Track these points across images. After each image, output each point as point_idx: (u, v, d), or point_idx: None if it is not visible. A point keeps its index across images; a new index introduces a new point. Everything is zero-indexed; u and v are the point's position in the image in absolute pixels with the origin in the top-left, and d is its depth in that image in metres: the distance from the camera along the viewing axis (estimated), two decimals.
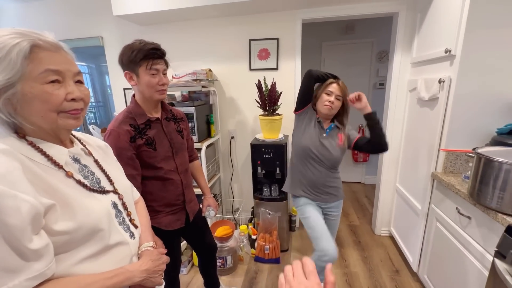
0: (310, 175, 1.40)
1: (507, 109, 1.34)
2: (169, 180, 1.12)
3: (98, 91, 2.99)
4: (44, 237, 0.47)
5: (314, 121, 1.40)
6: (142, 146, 1.02)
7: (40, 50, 0.49)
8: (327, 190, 1.42)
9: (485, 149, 1.15)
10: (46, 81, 0.50)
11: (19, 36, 0.47)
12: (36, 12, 2.45)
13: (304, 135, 1.39)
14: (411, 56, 1.92)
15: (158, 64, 1.01)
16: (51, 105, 0.51)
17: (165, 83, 1.04)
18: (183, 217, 1.20)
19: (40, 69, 0.49)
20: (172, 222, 1.15)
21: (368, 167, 3.44)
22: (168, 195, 1.12)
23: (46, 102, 0.50)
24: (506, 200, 1.00)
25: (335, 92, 1.31)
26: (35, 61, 0.48)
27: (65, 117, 0.53)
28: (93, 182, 0.62)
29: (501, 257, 0.92)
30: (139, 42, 0.98)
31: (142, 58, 0.96)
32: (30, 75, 0.48)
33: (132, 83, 1.01)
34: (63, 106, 0.52)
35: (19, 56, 0.46)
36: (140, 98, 1.05)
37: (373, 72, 3.16)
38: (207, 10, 1.94)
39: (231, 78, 2.28)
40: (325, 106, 1.32)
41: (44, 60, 0.50)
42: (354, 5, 1.92)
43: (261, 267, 1.97)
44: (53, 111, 0.51)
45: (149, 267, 0.64)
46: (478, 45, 1.30)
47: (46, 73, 0.49)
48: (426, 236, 1.61)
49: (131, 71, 0.99)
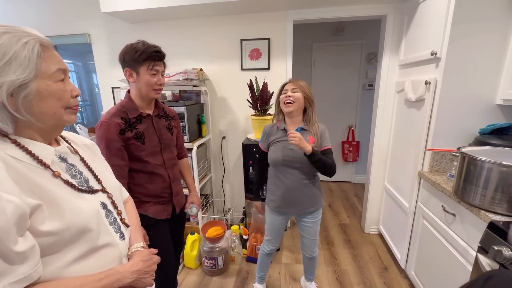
0: (285, 183, 1.34)
1: (489, 110, 1.40)
2: (156, 174, 1.17)
3: (85, 90, 2.90)
4: (29, 238, 0.46)
5: (278, 133, 1.35)
6: (131, 139, 1.07)
7: (46, 49, 0.52)
8: (300, 200, 1.36)
9: (468, 149, 1.19)
10: (59, 79, 0.53)
11: (24, 34, 0.48)
12: (19, 6, 2.36)
13: (273, 149, 1.35)
14: (398, 58, 1.97)
15: (159, 66, 1.08)
16: (64, 102, 0.54)
17: (162, 83, 1.12)
18: (169, 208, 1.25)
19: (53, 68, 0.52)
20: (159, 212, 1.19)
21: (358, 167, 3.50)
22: (155, 187, 1.17)
23: (61, 98, 0.53)
24: (488, 197, 1.04)
25: (288, 87, 1.30)
26: (47, 60, 0.51)
27: (70, 112, 0.56)
28: (81, 182, 0.60)
29: (484, 252, 0.95)
30: (143, 44, 1.04)
31: (145, 59, 1.03)
32: (45, 74, 0.50)
33: (131, 80, 1.07)
34: (70, 102, 0.56)
35: (33, 55, 0.48)
36: (135, 94, 1.11)
37: (362, 74, 3.22)
38: (198, 8, 1.92)
39: (223, 77, 2.27)
40: (285, 104, 1.28)
41: (53, 59, 0.52)
42: (343, 7, 1.95)
43: (253, 267, 1.97)
44: (63, 107, 0.54)
45: (140, 268, 0.63)
46: (462, 48, 1.35)
47: (58, 72, 0.53)
48: (414, 234, 1.65)
49: (132, 69, 1.05)
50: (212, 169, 2.45)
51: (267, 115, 2.00)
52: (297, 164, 1.31)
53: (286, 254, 2.12)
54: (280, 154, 1.32)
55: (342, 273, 1.90)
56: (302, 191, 1.35)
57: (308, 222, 1.43)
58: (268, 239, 1.54)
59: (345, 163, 3.52)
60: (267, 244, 1.56)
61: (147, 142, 1.12)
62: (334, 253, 2.12)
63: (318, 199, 1.41)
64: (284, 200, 1.38)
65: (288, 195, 1.36)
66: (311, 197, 1.38)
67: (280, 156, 1.32)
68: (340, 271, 1.91)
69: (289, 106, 1.28)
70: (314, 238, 1.48)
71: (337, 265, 1.98)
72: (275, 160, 1.34)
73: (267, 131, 1.42)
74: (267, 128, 1.42)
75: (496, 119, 1.40)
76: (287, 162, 1.31)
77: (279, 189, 1.38)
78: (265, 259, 1.62)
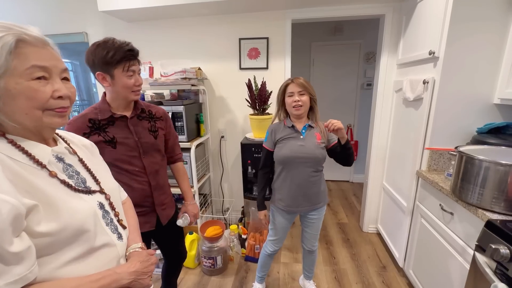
0: (295, 180, 1.34)
1: (486, 109, 1.41)
2: (134, 181, 1.08)
3: (82, 89, 2.89)
4: (25, 239, 0.45)
5: (286, 130, 1.35)
6: (100, 143, 0.98)
7: (26, 45, 0.48)
8: (309, 196, 1.37)
9: (466, 148, 1.20)
10: (33, 78, 0.48)
11: (3, 29, 0.45)
12: (15, 5, 2.34)
13: (282, 147, 1.34)
14: (397, 57, 1.97)
15: (134, 65, 1.00)
16: (37, 102, 0.49)
17: (140, 83, 1.04)
18: (153, 219, 1.15)
19: (26, 65, 0.47)
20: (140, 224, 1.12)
21: (356, 166, 3.51)
22: (134, 195, 1.04)
23: (32, 99, 0.48)
24: (485, 196, 1.05)
25: (295, 90, 1.28)
26: (21, 56, 0.47)
27: (51, 115, 0.52)
28: (78, 182, 0.60)
29: (481, 250, 0.96)
30: (113, 42, 0.95)
31: (119, 60, 0.93)
32: (15, 71, 0.46)
33: (106, 84, 0.97)
34: (49, 104, 0.51)
35: (3, 50, 0.45)
36: (111, 98, 1.03)
37: (360, 73, 3.23)
38: (196, 7, 1.92)
39: (221, 77, 2.26)
40: (294, 108, 1.29)
41: (30, 55, 0.48)
42: (342, 6, 1.95)
43: (252, 267, 1.97)
44: (38, 108, 0.50)
45: (137, 269, 0.63)
46: (460, 48, 1.35)
47: (32, 69, 0.48)
48: (412, 232, 1.66)
49: (105, 72, 0.95)
50: (211, 169, 2.45)
51: (266, 115, 2.00)
52: (307, 160, 1.31)
53: (285, 253, 2.12)
54: (290, 150, 1.31)
55: (341, 272, 1.90)
56: (311, 187, 1.36)
57: (313, 218, 1.45)
58: (273, 239, 1.51)
59: None
60: (271, 244, 1.53)
61: (119, 146, 1.03)
62: (332, 252, 2.12)
63: (325, 195, 1.44)
64: (294, 198, 1.37)
65: (298, 193, 1.36)
66: (318, 194, 1.39)
67: (290, 153, 1.31)
68: (339, 270, 1.92)
69: (299, 110, 1.29)
70: (316, 233, 1.51)
71: (335, 264, 1.99)
72: (285, 156, 1.32)
73: (274, 129, 1.40)
74: (273, 127, 1.41)
75: (493, 118, 1.41)
76: (298, 159, 1.31)
77: (288, 187, 1.36)
78: (267, 259, 1.61)
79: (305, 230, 1.52)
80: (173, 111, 1.87)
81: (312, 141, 1.32)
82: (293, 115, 1.34)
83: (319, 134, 1.33)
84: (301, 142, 1.31)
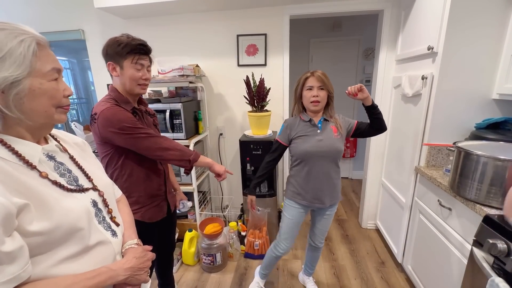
0: (316, 175, 1.33)
1: (485, 105, 1.40)
2: (153, 168, 1.14)
3: (80, 87, 2.87)
4: (17, 238, 0.45)
5: (301, 125, 1.34)
6: None
7: (42, 48, 0.52)
8: (329, 192, 1.37)
9: (464, 143, 1.20)
10: (52, 78, 0.53)
11: (20, 32, 0.48)
12: (12, 2, 2.31)
13: (300, 142, 1.33)
14: (395, 53, 1.96)
15: (144, 60, 1.04)
16: (56, 101, 0.54)
17: (148, 78, 1.08)
18: (165, 207, 1.23)
19: (48, 67, 0.52)
20: (156, 214, 1.18)
21: (355, 163, 3.51)
22: (152, 184, 1.14)
23: (53, 97, 0.53)
24: (483, 191, 1.05)
25: (315, 84, 1.26)
26: (42, 58, 0.51)
27: (61, 112, 0.56)
28: (70, 180, 0.60)
29: (479, 245, 0.96)
30: (127, 37, 1.00)
31: (129, 52, 0.99)
32: (39, 72, 0.51)
33: (115, 73, 1.03)
34: (62, 102, 0.56)
35: (29, 53, 0.48)
36: (121, 90, 1.06)
37: (359, 69, 3.21)
38: (194, 3, 1.90)
39: (219, 74, 2.25)
40: (312, 103, 1.28)
41: (47, 58, 0.53)
42: (340, 2, 1.94)
43: (251, 263, 1.98)
44: (54, 106, 0.54)
45: (133, 265, 0.63)
46: (459, 43, 1.34)
47: (52, 71, 0.53)
48: (410, 228, 1.67)
49: (115, 63, 1.01)
50: None
51: (264, 111, 1.99)
52: (328, 154, 1.30)
53: None
54: (310, 145, 1.30)
55: (340, 268, 1.91)
56: (331, 183, 1.36)
57: (326, 214, 1.45)
58: (285, 237, 1.46)
59: (343, 159, 3.52)
60: (282, 245, 1.47)
61: None
62: (331, 249, 2.13)
63: (340, 191, 1.45)
64: (315, 194, 1.36)
65: (319, 188, 1.35)
66: (336, 189, 1.40)
67: (310, 148, 1.30)
68: (338, 266, 1.93)
69: (316, 105, 1.28)
70: (326, 229, 1.51)
71: (334, 260, 2.00)
72: (305, 152, 1.31)
73: (290, 124, 1.38)
74: (289, 121, 1.39)
75: (492, 113, 1.40)
76: (319, 153, 1.30)
77: (309, 182, 1.35)
78: (274, 260, 1.57)
79: (316, 226, 1.51)
80: (171, 108, 1.86)
81: (329, 134, 1.31)
82: (310, 110, 1.33)
83: (335, 127, 1.33)
84: (320, 136, 1.30)
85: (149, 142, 1.02)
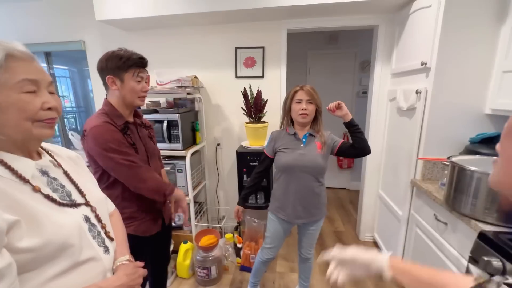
0: (296, 190, 1.34)
1: (478, 120, 1.42)
2: None
3: (79, 96, 2.89)
4: (6, 256, 0.44)
5: (286, 138, 1.37)
6: (130, 144, 1.04)
7: (15, 59, 0.50)
8: (309, 208, 1.37)
9: (458, 158, 1.21)
10: (23, 91, 0.50)
11: None
12: (14, 13, 2.35)
13: (282, 154, 1.35)
14: (391, 67, 2.00)
15: (143, 73, 1.07)
16: (27, 114, 0.51)
17: (147, 90, 1.10)
18: (159, 221, 1.21)
19: (17, 78, 0.49)
20: (150, 227, 1.15)
21: (353, 173, 3.51)
22: (144, 201, 1.11)
23: (22, 110, 0.50)
24: (478, 207, 1.05)
25: (303, 98, 1.29)
26: (10, 70, 0.49)
27: (41, 126, 0.53)
28: (63, 196, 0.59)
29: (474, 262, 0.96)
30: (126, 51, 1.03)
31: (131, 66, 1.01)
32: (6, 85, 0.48)
33: (114, 87, 1.03)
34: (39, 115, 0.52)
35: None
36: (117, 102, 1.06)
37: (356, 81, 3.26)
38: (193, 17, 1.94)
39: (217, 85, 2.27)
40: (300, 116, 1.30)
41: (20, 69, 0.50)
42: (336, 17, 1.98)
43: (247, 277, 1.94)
44: (28, 120, 0.51)
45: (123, 282, 0.61)
46: (451, 59, 1.38)
47: (23, 82, 0.50)
48: (407, 242, 1.65)
49: (116, 76, 1.02)
50: (207, 177, 2.44)
51: (261, 123, 2.00)
52: (308, 169, 1.32)
53: (280, 263, 2.10)
54: (291, 158, 1.32)
55: None
56: (311, 198, 1.36)
57: (311, 229, 1.45)
58: (269, 247, 1.50)
59: (340, 169, 3.52)
60: (267, 252, 1.52)
61: (138, 150, 1.08)
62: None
63: (324, 208, 1.44)
64: (294, 209, 1.37)
65: (298, 203, 1.36)
66: (319, 206, 1.40)
67: (291, 161, 1.32)
68: None
69: (305, 118, 1.31)
70: (313, 242, 1.52)
71: None
72: (286, 164, 1.33)
73: (275, 136, 1.41)
74: (275, 134, 1.43)
75: (485, 128, 1.42)
76: (299, 167, 1.32)
77: (288, 197, 1.36)
78: (261, 266, 1.60)
79: (302, 239, 1.52)
80: (168, 119, 1.87)
81: (312, 149, 1.33)
82: (298, 122, 1.35)
83: (319, 143, 1.34)
84: (302, 150, 1.32)
85: (129, 171, 1.00)
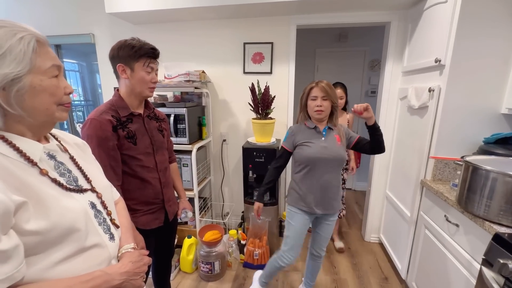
0: (320, 182, 1.34)
1: (493, 119, 1.38)
2: (147, 178, 1.11)
3: (88, 90, 2.92)
4: (13, 237, 0.44)
5: (306, 132, 1.37)
6: (123, 138, 1.02)
7: (42, 45, 0.52)
8: (332, 199, 1.37)
9: (473, 158, 1.17)
10: (53, 75, 0.53)
11: (19, 29, 0.48)
12: (25, 5, 2.38)
13: (305, 148, 1.35)
14: (402, 65, 1.96)
15: (154, 64, 1.06)
16: (57, 98, 0.54)
17: (157, 81, 1.10)
18: (162, 216, 1.19)
19: (48, 64, 0.52)
20: (150, 221, 1.14)
21: (359, 174, 3.46)
22: (146, 193, 1.11)
23: (54, 95, 0.53)
24: (493, 208, 1.01)
25: (318, 94, 1.30)
26: (42, 55, 0.51)
27: (62, 109, 0.56)
28: (70, 180, 0.59)
29: (488, 265, 0.92)
30: (138, 41, 1.02)
31: (142, 55, 1.01)
32: (40, 69, 0.51)
33: (124, 76, 1.03)
34: (63, 99, 0.56)
35: (29, 49, 0.48)
36: (126, 92, 1.06)
37: (365, 80, 3.21)
38: (202, 11, 1.93)
39: (225, 80, 2.26)
40: (316, 112, 1.32)
41: (47, 55, 0.53)
42: (347, 13, 1.95)
43: (250, 273, 1.93)
44: (56, 103, 0.54)
45: (129, 269, 0.61)
46: (467, 56, 1.33)
47: (53, 68, 0.53)
48: (415, 243, 1.61)
49: (126, 65, 1.01)
50: (212, 172, 2.43)
51: (268, 119, 1.98)
52: (332, 160, 1.33)
53: None
54: (314, 151, 1.32)
55: (341, 282, 1.85)
56: (334, 190, 1.37)
57: (330, 220, 1.44)
58: (288, 248, 1.42)
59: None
60: (287, 256, 1.42)
61: (138, 143, 1.06)
62: (333, 261, 2.07)
63: (341, 201, 1.45)
64: (318, 199, 1.36)
65: (322, 194, 1.36)
66: (338, 198, 1.41)
67: (315, 153, 1.32)
68: (339, 280, 1.87)
69: (320, 114, 1.33)
70: (328, 236, 1.50)
71: (336, 273, 1.94)
72: (309, 157, 1.33)
73: (295, 131, 1.41)
74: (294, 128, 1.43)
75: (500, 128, 1.38)
76: (323, 160, 1.32)
77: (312, 188, 1.36)
78: (277, 271, 1.52)
79: (317, 233, 1.49)
80: (175, 113, 1.87)
81: (333, 142, 1.35)
82: (314, 118, 1.37)
83: (338, 136, 1.37)
84: (324, 143, 1.34)
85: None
